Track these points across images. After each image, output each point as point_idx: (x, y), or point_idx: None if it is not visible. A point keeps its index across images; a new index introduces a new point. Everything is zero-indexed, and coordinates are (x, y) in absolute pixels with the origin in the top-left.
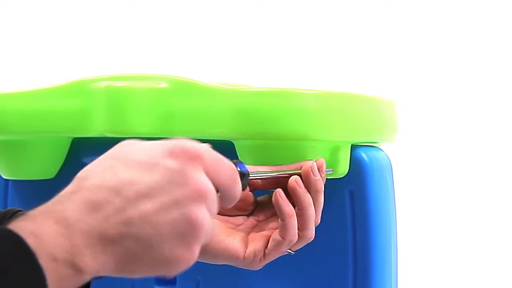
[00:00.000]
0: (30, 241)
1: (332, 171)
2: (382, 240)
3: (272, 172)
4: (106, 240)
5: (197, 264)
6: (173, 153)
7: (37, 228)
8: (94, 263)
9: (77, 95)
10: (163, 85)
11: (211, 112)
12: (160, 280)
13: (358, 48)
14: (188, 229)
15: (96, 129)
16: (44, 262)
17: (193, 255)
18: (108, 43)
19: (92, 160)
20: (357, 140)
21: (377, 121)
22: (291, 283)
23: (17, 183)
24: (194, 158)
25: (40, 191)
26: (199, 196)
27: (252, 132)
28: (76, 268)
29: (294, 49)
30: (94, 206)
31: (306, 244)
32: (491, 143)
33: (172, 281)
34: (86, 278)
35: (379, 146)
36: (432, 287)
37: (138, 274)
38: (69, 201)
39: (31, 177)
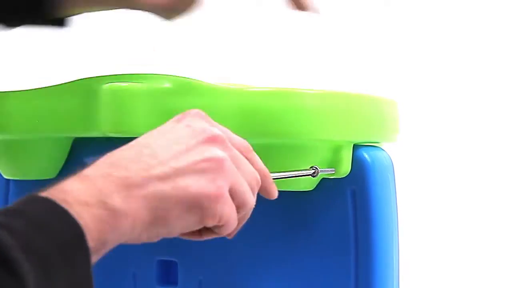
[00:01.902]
0: (60, 197)
1: (334, 170)
2: (384, 240)
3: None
4: (131, 185)
5: (199, 264)
6: (181, 119)
7: (64, 187)
8: (125, 206)
9: (79, 95)
10: (166, 84)
11: (213, 112)
12: (162, 280)
13: (359, 48)
14: (209, 166)
15: (98, 129)
16: (76, 208)
17: (220, 190)
18: (111, 42)
19: (93, 160)
20: (359, 139)
21: (379, 121)
22: (292, 283)
23: (18, 183)
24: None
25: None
26: (211, 138)
27: (254, 132)
28: (110, 208)
29: (295, 49)
30: (111, 162)
31: (308, 244)
32: (493, 142)
33: (174, 281)
34: (123, 223)
35: (380, 146)
36: (433, 287)
37: (173, 224)
38: (92, 166)
39: (32, 177)
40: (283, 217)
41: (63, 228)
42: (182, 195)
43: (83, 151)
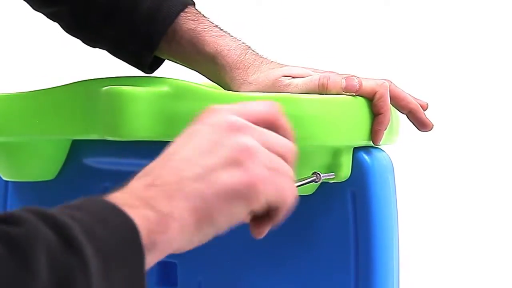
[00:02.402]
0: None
1: (334, 175)
2: (384, 241)
3: None
4: (169, 190)
5: (198, 265)
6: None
7: (108, 196)
8: (170, 209)
9: (77, 97)
10: (165, 88)
11: None
12: (161, 281)
13: (358, 48)
14: (237, 155)
15: (97, 132)
16: (125, 209)
17: (254, 175)
18: None
19: (92, 162)
20: (358, 143)
21: None
22: (292, 284)
23: (17, 184)
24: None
25: (40, 193)
26: (236, 127)
27: None
28: (157, 211)
29: (294, 49)
30: (145, 174)
31: (308, 245)
32: (492, 143)
33: (173, 282)
34: (172, 226)
35: (380, 147)
36: (433, 287)
37: (219, 220)
38: (132, 180)
39: (31, 178)
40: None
41: (120, 224)
42: (219, 190)
43: (82, 153)
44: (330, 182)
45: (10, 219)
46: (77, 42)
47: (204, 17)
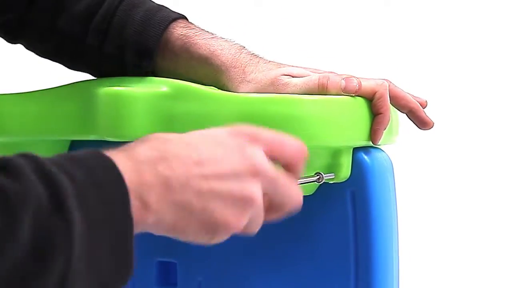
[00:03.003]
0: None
1: (334, 175)
2: (383, 241)
3: None
4: (169, 187)
5: (198, 265)
6: (232, 134)
7: (116, 160)
8: (156, 205)
9: (76, 98)
10: (163, 89)
11: (211, 118)
12: (161, 281)
13: (358, 48)
14: (241, 200)
15: (96, 133)
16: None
17: (240, 224)
18: None
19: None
20: (358, 144)
21: None
22: (292, 284)
23: None
24: (252, 137)
25: None
26: (255, 171)
27: None
28: (143, 201)
29: (294, 49)
30: (163, 157)
31: (308, 245)
32: (492, 143)
33: (173, 282)
34: (149, 219)
35: (380, 148)
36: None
37: (187, 234)
38: (142, 147)
39: None
40: (283, 218)
41: (117, 193)
42: (207, 218)
43: None
44: (329, 182)
45: (9, 169)
46: None
47: (195, 25)
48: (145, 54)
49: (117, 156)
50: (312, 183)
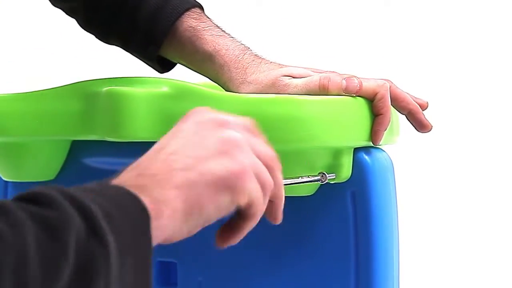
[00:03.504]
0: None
1: (335, 175)
2: (384, 241)
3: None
4: (161, 181)
5: (198, 265)
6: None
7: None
8: (163, 197)
9: (77, 98)
10: (164, 89)
11: None
12: (162, 281)
13: (358, 48)
14: (224, 145)
15: (96, 133)
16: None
17: (242, 165)
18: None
19: (92, 162)
20: (359, 144)
21: None
22: (292, 284)
23: (17, 185)
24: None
25: None
26: (221, 122)
27: None
28: (151, 196)
29: (294, 49)
30: (135, 167)
31: (308, 245)
32: (493, 143)
33: (174, 282)
34: (165, 212)
35: (381, 148)
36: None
37: (208, 209)
38: (122, 173)
39: (31, 179)
40: (283, 218)
41: (137, 210)
42: (209, 178)
43: (81, 153)
44: (330, 182)
45: (42, 200)
46: (78, 43)
47: (208, 17)
48: (152, 41)
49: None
50: (313, 183)
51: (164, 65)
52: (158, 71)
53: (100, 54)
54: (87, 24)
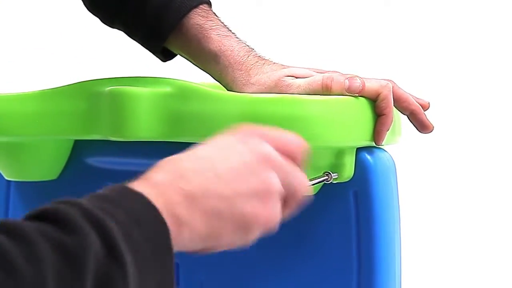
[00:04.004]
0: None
1: (337, 175)
2: (386, 241)
3: None
4: (193, 198)
5: (201, 265)
6: (237, 137)
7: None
8: (188, 216)
9: (80, 98)
10: (167, 89)
11: (215, 118)
12: None
13: (359, 48)
14: (262, 191)
15: (99, 132)
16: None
17: (269, 215)
18: (112, 45)
19: (95, 161)
20: (361, 144)
21: None
22: (294, 284)
23: (20, 184)
24: (256, 135)
25: (43, 192)
26: (265, 159)
27: None
28: (175, 216)
29: (294, 49)
30: (180, 175)
31: (310, 245)
32: (495, 144)
33: (176, 282)
34: (184, 233)
35: (383, 148)
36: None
37: (223, 238)
38: (158, 173)
39: (34, 178)
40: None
41: (155, 227)
42: (238, 217)
43: (84, 153)
44: (333, 182)
45: (61, 220)
46: (78, 43)
47: (215, 16)
48: (157, 35)
49: (141, 188)
50: (319, 182)
51: (167, 55)
52: (161, 60)
53: (101, 54)
54: (92, 6)
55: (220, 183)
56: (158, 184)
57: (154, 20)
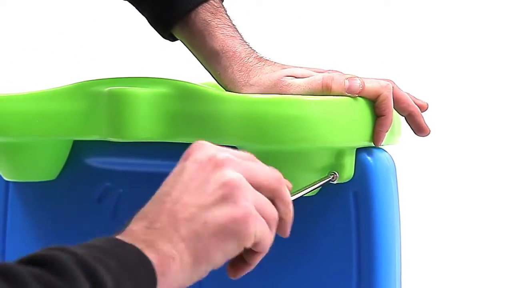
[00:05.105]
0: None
1: (338, 176)
2: (386, 242)
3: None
4: (167, 233)
5: None
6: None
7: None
8: (171, 250)
9: (79, 98)
10: (167, 89)
11: (215, 118)
12: None
13: (359, 48)
14: (224, 190)
15: (98, 133)
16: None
17: (245, 209)
18: (112, 45)
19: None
20: (361, 144)
21: None
22: (294, 284)
23: (18, 185)
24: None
25: (41, 193)
26: (216, 162)
27: (257, 139)
28: (160, 253)
29: (294, 49)
30: (143, 218)
31: (310, 245)
32: (495, 144)
33: None
34: (173, 266)
35: (383, 148)
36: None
37: (215, 257)
38: (133, 224)
39: (32, 179)
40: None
41: (144, 275)
42: (214, 228)
43: (83, 154)
44: (333, 182)
45: (55, 268)
46: (78, 43)
47: (225, 13)
48: (163, 22)
49: (126, 239)
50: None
51: (175, 38)
52: (170, 41)
53: (101, 54)
54: None
55: (182, 206)
56: (134, 232)
57: (161, 7)
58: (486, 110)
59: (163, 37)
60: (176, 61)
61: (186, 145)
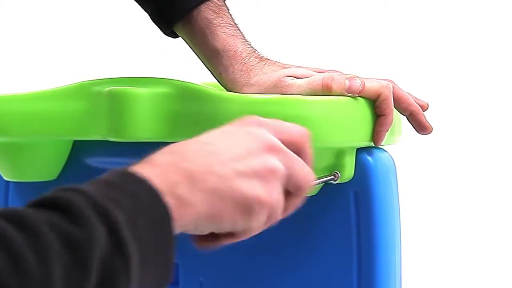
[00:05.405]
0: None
1: (339, 176)
2: (386, 242)
3: None
4: (194, 178)
5: (200, 265)
6: (238, 124)
7: (144, 173)
8: (191, 197)
9: (79, 98)
10: (168, 89)
11: (215, 118)
12: None
13: (359, 48)
14: (264, 173)
15: (99, 133)
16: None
17: (271, 196)
18: (112, 45)
19: (94, 162)
20: (361, 144)
21: None
22: (294, 284)
23: (18, 185)
24: (257, 123)
25: (42, 193)
26: (269, 147)
27: None
28: (178, 198)
29: (294, 49)
30: (182, 156)
31: (311, 245)
32: (495, 144)
33: (175, 282)
34: (187, 214)
35: (383, 148)
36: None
37: (225, 222)
38: (160, 155)
39: (32, 178)
40: (285, 218)
41: (159, 213)
42: (238, 196)
43: (83, 153)
44: (333, 182)
45: (67, 210)
46: (78, 43)
47: (227, 13)
48: (165, 19)
49: (143, 170)
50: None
51: (177, 34)
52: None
53: (101, 54)
54: None
55: (221, 163)
56: (159, 164)
57: (164, 4)
58: (486, 110)
59: (165, 34)
60: (177, 61)
61: None
